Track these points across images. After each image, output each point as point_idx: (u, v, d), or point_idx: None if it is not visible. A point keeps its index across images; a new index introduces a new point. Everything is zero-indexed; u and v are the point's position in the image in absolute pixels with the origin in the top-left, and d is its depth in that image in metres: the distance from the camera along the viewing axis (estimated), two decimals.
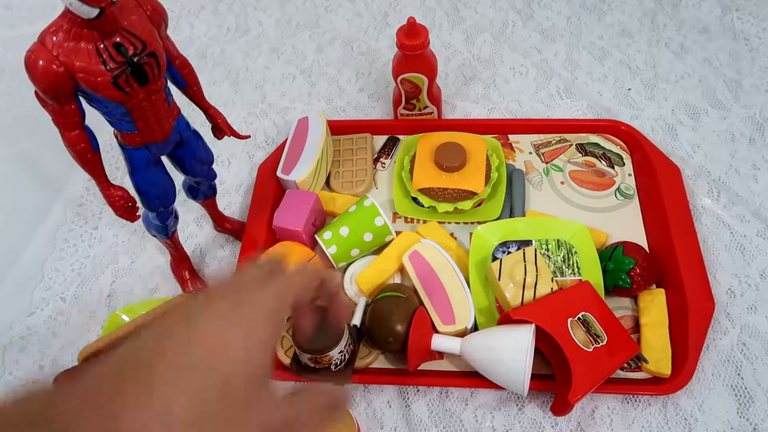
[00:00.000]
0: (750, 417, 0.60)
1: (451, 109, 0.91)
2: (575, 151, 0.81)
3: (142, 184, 0.59)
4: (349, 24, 1.05)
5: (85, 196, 0.85)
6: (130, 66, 0.48)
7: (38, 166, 0.88)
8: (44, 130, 0.55)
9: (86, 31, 0.46)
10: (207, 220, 0.80)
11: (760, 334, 0.65)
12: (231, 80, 0.98)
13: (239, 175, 0.86)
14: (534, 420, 0.62)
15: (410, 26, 0.73)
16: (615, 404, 0.62)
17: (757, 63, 0.91)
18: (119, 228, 0.81)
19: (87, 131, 0.52)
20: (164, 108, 0.55)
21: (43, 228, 0.82)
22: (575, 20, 1.01)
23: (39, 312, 0.75)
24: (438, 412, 0.63)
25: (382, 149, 0.85)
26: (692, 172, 0.79)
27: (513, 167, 0.80)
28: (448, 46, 0.99)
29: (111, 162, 0.86)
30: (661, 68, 0.92)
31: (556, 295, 0.63)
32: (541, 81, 0.93)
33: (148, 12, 0.51)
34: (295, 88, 0.96)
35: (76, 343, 0.71)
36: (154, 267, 0.77)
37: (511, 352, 0.57)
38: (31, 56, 0.46)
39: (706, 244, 0.72)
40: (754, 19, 0.97)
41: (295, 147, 0.79)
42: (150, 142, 0.56)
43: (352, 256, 0.72)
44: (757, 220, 0.74)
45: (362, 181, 0.80)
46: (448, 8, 1.05)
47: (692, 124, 0.85)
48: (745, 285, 0.69)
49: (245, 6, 1.10)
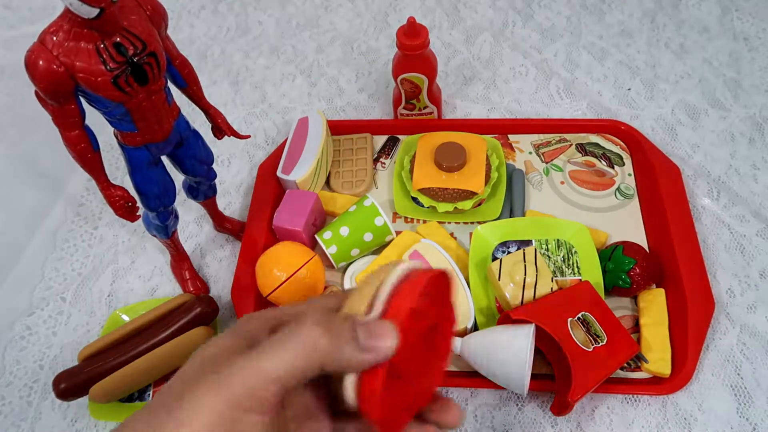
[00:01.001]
0: (750, 417, 0.60)
1: (451, 109, 0.91)
2: (575, 151, 0.81)
3: (142, 184, 0.59)
4: (349, 24, 1.05)
5: (85, 196, 0.85)
6: (130, 66, 0.48)
7: (38, 166, 0.88)
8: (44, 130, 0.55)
9: (86, 31, 0.46)
10: (207, 220, 0.80)
11: (760, 334, 0.65)
12: (231, 80, 0.98)
13: (239, 175, 0.86)
14: (534, 420, 0.62)
15: (410, 26, 0.73)
16: (615, 404, 0.62)
17: (757, 63, 0.91)
18: (119, 228, 0.81)
19: (87, 131, 0.52)
20: (164, 108, 0.55)
21: (43, 228, 0.82)
22: (575, 20, 1.01)
23: (39, 312, 0.75)
24: None
25: (382, 149, 0.85)
26: (692, 172, 0.79)
27: (513, 167, 0.80)
28: (448, 46, 0.99)
29: (111, 162, 0.86)
30: (661, 68, 0.92)
31: (556, 295, 0.63)
32: (541, 81, 0.93)
33: (148, 12, 0.51)
34: (295, 88, 0.96)
35: (76, 343, 0.72)
36: (154, 267, 0.78)
37: (511, 352, 0.57)
38: (31, 56, 0.46)
39: (706, 244, 0.72)
40: (753, 19, 0.97)
41: (295, 147, 0.79)
42: (150, 142, 0.56)
43: (352, 256, 0.72)
44: (757, 220, 0.74)
45: (362, 181, 0.80)
46: (448, 8, 1.05)
47: (692, 124, 0.85)
48: (745, 285, 0.69)
49: (245, 6, 1.10)
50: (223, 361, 0.28)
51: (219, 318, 0.70)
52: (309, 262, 0.67)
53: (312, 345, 0.27)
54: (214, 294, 0.75)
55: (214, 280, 0.76)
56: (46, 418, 0.67)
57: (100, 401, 0.62)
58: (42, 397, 0.68)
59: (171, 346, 0.64)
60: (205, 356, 0.29)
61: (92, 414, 0.65)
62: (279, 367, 0.27)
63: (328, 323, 0.28)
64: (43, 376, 0.70)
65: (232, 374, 0.26)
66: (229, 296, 0.73)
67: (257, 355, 0.27)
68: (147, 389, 0.67)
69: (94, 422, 0.66)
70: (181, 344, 0.64)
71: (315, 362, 0.27)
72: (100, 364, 0.63)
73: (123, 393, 0.64)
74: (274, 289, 0.66)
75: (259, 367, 0.27)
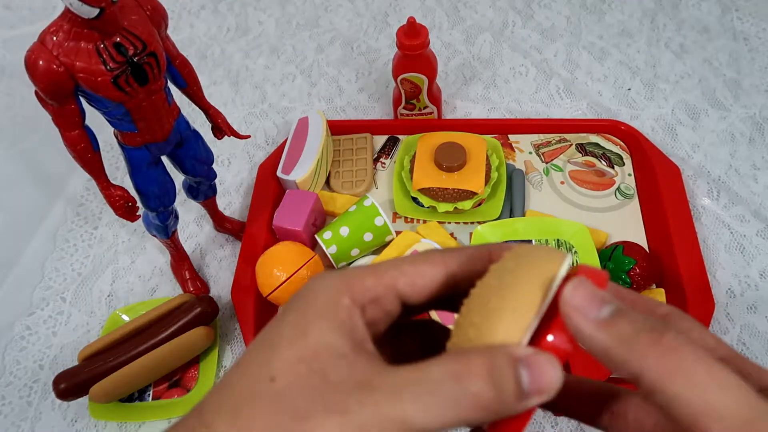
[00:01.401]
0: None
1: (451, 109, 0.91)
2: (575, 151, 0.81)
3: (142, 184, 0.59)
4: (349, 24, 1.05)
5: (85, 196, 0.85)
6: (130, 66, 0.48)
7: (38, 166, 0.88)
8: (44, 130, 0.56)
9: (86, 31, 0.46)
10: (207, 220, 0.80)
11: (760, 334, 0.65)
12: (231, 80, 0.98)
13: (239, 175, 0.86)
14: (534, 420, 0.62)
15: (410, 26, 0.73)
16: None
17: (757, 63, 0.91)
18: (119, 228, 0.81)
19: (87, 131, 0.52)
20: (164, 108, 0.55)
21: (43, 228, 0.82)
22: (575, 20, 1.01)
23: (39, 312, 0.75)
24: None
25: (382, 149, 0.85)
26: (692, 172, 0.79)
27: (513, 167, 0.80)
28: (448, 46, 0.99)
29: (111, 162, 0.86)
30: (661, 68, 0.92)
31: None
32: (541, 81, 0.93)
33: (148, 12, 0.51)
34: (295, 88, 0.96)
35: (76, 343, 0.72)
36: (154, 267, 0.78)
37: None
38: (31, 56, 0.46)
39: (706, 244, 0.72)
40: (754, 19, 0.97)
41: (295, 147, 0.79)
42: (150, 142, 0.56)
43: (352, 256, 0.72)
44: (757, 220, 0.74)
45: (362, 181, 0.80)
46: (448, 8, 1.05)
47: (692, 124, 0.85)
48: (745, 285, 0.69)
49: (245, 6, 1.10)
50: (333, 375, 0.22)
51: (219, 318, 0.70)
52: (309, 262, 0.67)
53: (471, 401, 0.21)
54: (214, 294, 0.75)
55: (214, 280, 0.76)
56: (46, 418, 0.67)
57: (100, 401, 0.62)
58: (42, 397, 0.68)
59: (171, 346, 0.64)
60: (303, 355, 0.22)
61: (92, 414, 0.64)
62: (423, 419, 0.21)
63: (492, 367, 0.21)
64: (43, 376, 0.70)
65: (362, 411, 0.21)
66: (229, 296, 0.73)
67: (395, 395, 0.21)
68: (147, 389, 0.67)
69: (94, 422, 0.66)
70: (181, 344, 0.64)
71: (470, 421, 0.21)
72: (100, 364, 0.63)
73: (123, 393, 0.64)
74: (274, 289, 0.66)
75: (400, 413, 0.21)
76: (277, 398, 0.21)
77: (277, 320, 0.24)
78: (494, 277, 0.23)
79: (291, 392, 0.22)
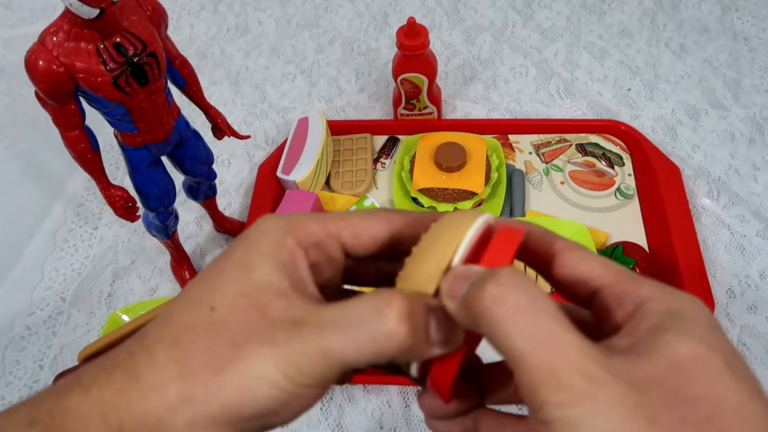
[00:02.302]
0: None
1: (451, 109, 0.91)
2: (575, 151, 0.81)
3: (142, 184, 0.59)
4: (349, 24, 1.05)
5: (85, 196, 0.85)
6: (130, 66, 0.48)
7: (38, 166, 0.88)
8: (44, 130, 0.56)
9: (86, 31, 0.46)
10: (207, 220, 0.80)
11: (760, 334, 0.65)
12: (231, 80, 0.98)
13: (239, 175, 0.86)
14: None
15: (410, 26, 0.73)
16: None
17: (757, 63, 0.91)
18: (119, 228, 0.81)
19: (87, 131, 0.52)
20: (164, 108, 0.55)
21: (43, 228, 0.82)
22: (575, 20, 1.01)
23: (39, 312, 0.75)
24: None
25: (382, 149, 0.85)
26: (692, 172, 0.79)
27: (513, 167, 0.80)
28: (448, 46, 0.99)
29: (111, 162, 0.86)
30: (661, 68, 0.92)
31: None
32: (541, 81, 0.93)
33: (148, 12, 0.51)
34: (295, 88, 0.96)
35: (76, 343, 0.72)
36: (154, 267, 0.78)
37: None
38: (31, 56, 0.46)
39: (706, 244, 0.72)
40: (754, 19, 0.97)
41: (295, 147, 0.79)
42: (150, 142, 0.56)
43: None
44: (757, 220, 0.74)
45: (362, 181, 0.80)
46: (448, 8, 1.05)
47: (692, 124, 0.85)
48: (745, 285, 0.69)
49: (245, 6, 1.10)
50: (272, 312, 0.23)
51: None
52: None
53: (388, 341, 0.23)
54: None
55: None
56: None
57: None
58: None
59: None
60: (245, 291, 0.24)
61: None
62: (346, 350, 0.23)
63: (412, 316, 0.23)
64: (43, 376, 0.70)
65: (291, 343, 0.22)
66: None
67: (320, 330, 0.23)
68: None
69: None
70: None
71: (386, 356, 0.23)
72: None
73: None
74: None
75: (324, 345, 0.22)
76: (215, 326, 0.23)
77: (221, 258, 0.25)
78: (429, 234, 0.25)
79: (230, 322, 0.23)
